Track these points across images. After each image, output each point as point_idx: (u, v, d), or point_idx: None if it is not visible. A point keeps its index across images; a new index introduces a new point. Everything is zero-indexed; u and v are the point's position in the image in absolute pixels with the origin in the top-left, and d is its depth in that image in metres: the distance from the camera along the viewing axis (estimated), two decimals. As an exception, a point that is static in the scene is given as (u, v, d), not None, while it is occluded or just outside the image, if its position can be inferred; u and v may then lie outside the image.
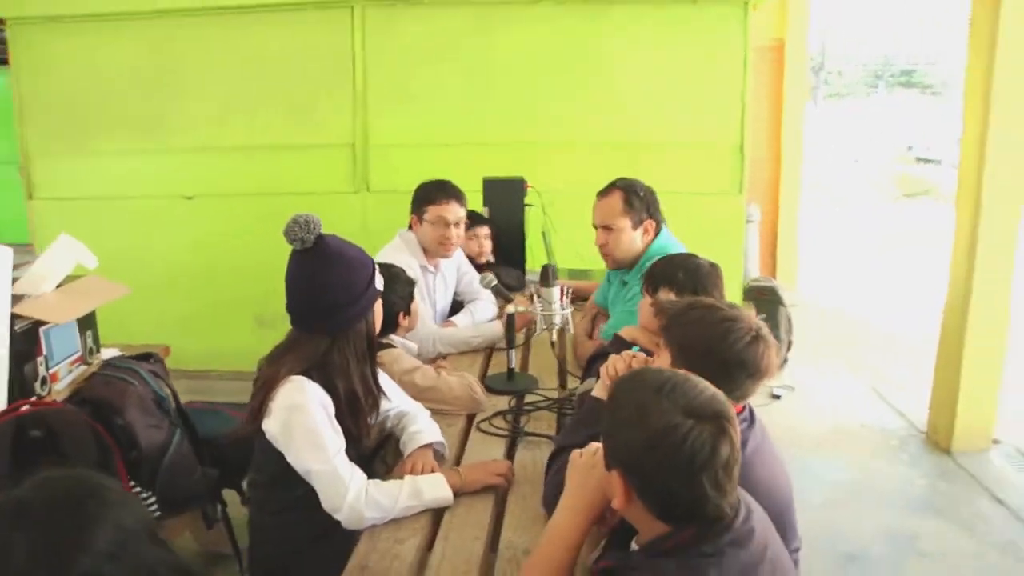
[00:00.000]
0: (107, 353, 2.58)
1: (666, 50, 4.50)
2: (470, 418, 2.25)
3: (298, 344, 1.76)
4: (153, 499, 2.12)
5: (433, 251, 3.01)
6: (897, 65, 18.27)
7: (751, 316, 1.60)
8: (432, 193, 2.97)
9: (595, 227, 2.76)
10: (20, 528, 0.94)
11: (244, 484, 2.29)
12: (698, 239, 4.43)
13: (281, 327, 5.35)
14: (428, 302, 3.07)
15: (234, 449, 2.55)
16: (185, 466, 2.26)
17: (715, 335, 1.52)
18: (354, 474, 1.68)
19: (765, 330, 1.56)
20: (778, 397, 4.59)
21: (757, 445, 1.56)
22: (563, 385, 2.53)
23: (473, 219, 3.55)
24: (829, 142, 14.54)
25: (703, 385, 1.18)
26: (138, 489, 2.09)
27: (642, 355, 1.81)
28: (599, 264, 3.00)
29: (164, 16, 4.63)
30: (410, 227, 3.06)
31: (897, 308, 6.70)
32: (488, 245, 3.65)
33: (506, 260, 3.85)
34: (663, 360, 1.61)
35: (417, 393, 2.22)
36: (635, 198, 2.65)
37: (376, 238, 3.11)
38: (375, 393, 1.85)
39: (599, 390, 1.80)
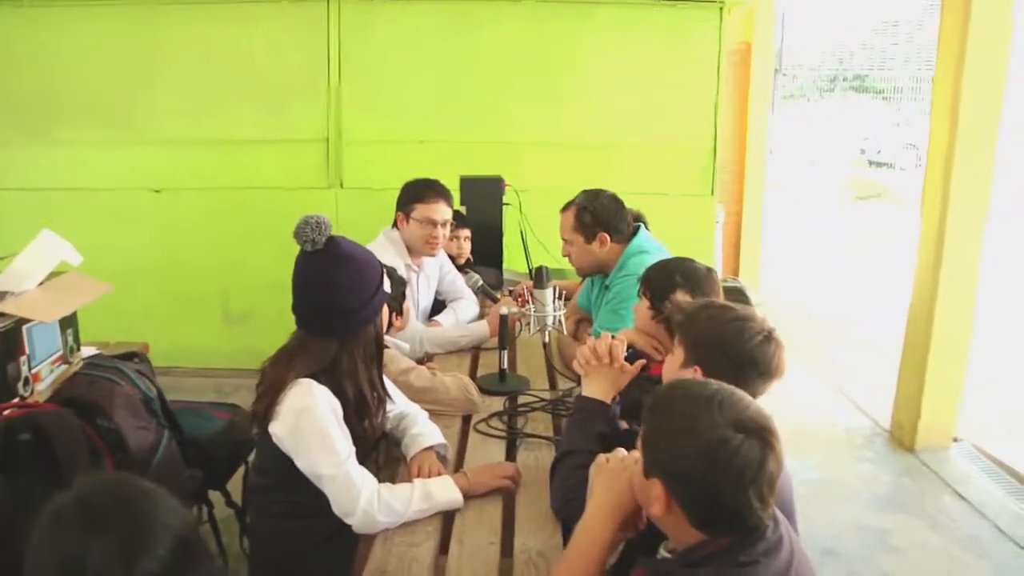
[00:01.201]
0: (86, 351, 2.53)
1: (642, 51, 4.56)
2: (466, 419, 2.26)
3: (306, 347, 1.75)
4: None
5: (419, 250, 3.01)
6: (851, 70, 18.75)
7: (763, 317, 1.64)
8: (421, 192, 2.96)
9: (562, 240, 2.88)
10: (92, 532, 0.98)
11: (242, 485, 2.27)
12: (670, 241, 4.46)
13: (249, 323, 5.32)
14: (412, 302, 3.06)
15: (218, 449, 2.54)
16: (173, 468, 2.22)
17: (729, 333, 1.56)
18: (365, 478, 1.68)
19: (776, 331, 1.60)
20: (747, 396, 4.68)
21: None
22: (554, 386, 2.55)
23: (456, 220, 3.55)
24: (785, 144, 14.86)
25: (748, 399, 1.20)
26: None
27: (619, 339, 1.85)
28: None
29: (133, 2, 4.52)
30: (395, 225, 3.04)
31: (858, 307, 6.88)
32: (468, 247, 3.66)
33: (484, 260, 3.85)
34: (675, 358, 1.64)
35: (413, 394, 2.22)
36: (585, 214, 2.75)
37: (350, 235, 3.04)
38: (382, 395, 1.85)
39: (589, 388, 1.81)
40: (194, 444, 2.42)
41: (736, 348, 1.55)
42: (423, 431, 1.97)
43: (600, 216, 2.73)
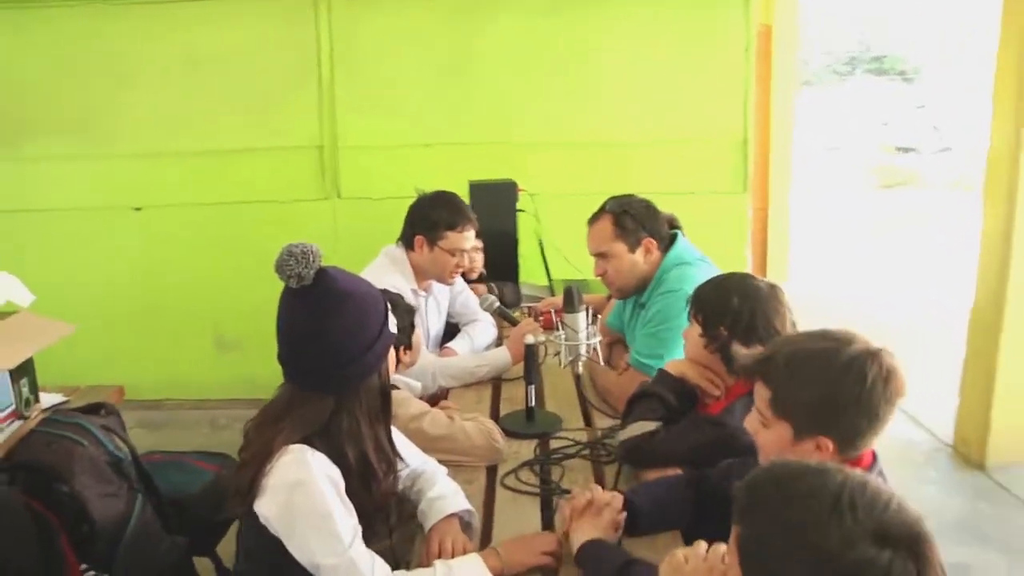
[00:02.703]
0: (48, 400, 2.26)
1: (662, 39, 4.29)
2: (491, 471, 1.99)
3: (296, 405, 1.48)
4: (111, 583, 1.82)
5: (436, 278, 2.75)
6: (870, 51, 18.38)
7: (853, 335, 1.38)
8: (452, 217, 2.68)
9: (592, 255, 2.56)
10: None
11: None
12: (700, 243, 4.26)
13: (244, 349, 5.05)
14: (420, 329, 2.78)
15: (205, 508, 2.27)
16: (150, 538, 1.96)
17: (855, 385, 1.30)
18: (375, 565, 1.42)
19: (886, 351, 1.35)
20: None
21: None
22: (589, 423, 2.28)
23: None
24: (803, 132, 14.52)
25: (887, 492, 0.94)
26: (92, 573, 1.78)
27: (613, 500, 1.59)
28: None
29: (104, 0, 4.27)
30: (403, 244, 2.76)
31: (896, 302, 6.59)
32: (480, 260, 3.41)
33: (498, 273, 3.60)
34: (775, 432, 1.36)
35: (427, 443, 1.95)
36: (627, 219, 2.45)
37: (349, 251, 2.87)
38: (391, 457, 1.58)
39: (582, 531, 1.54)
40: (176, 505, 2.16)
41: (869, 400, 1.30)
42: (443, 493, 1.70)
43: (644, 219, 2.45)
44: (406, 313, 2.19)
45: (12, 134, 4.39)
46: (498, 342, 2.91)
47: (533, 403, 2.23)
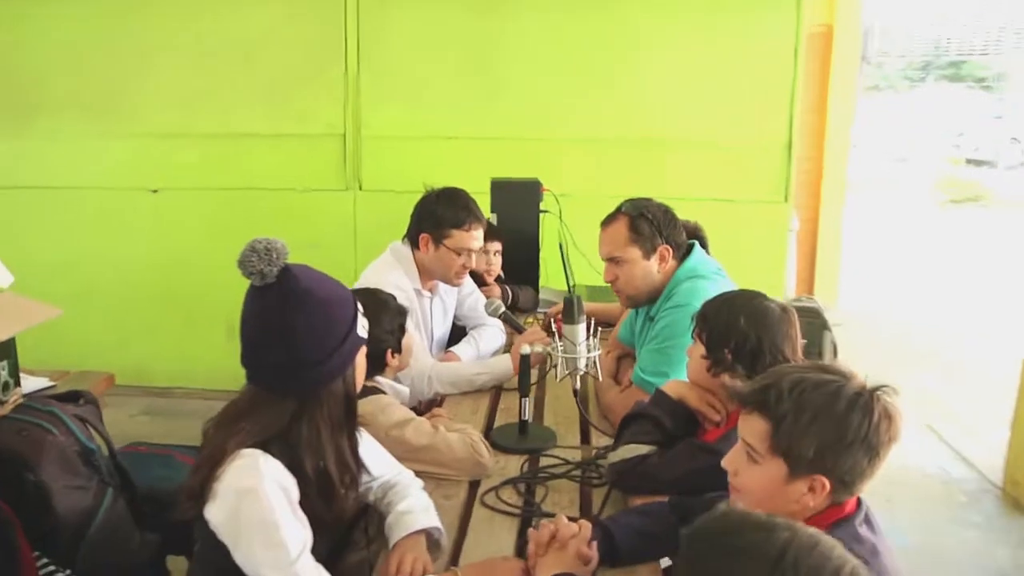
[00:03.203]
0: (32, 384, 2.29)
1: (704, 33, 4.21)
2: (473, 486, 1.96)
3: (256, 407, 1.47)
4: (72, 580, 1.83)
5: (441, 278, 2.72)
6: (946, 56, 17.90)
7: (854, 372, 1.32)
8: (459, 214, 2.65)
9: (603, 260, 2.51)
10: None
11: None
12: (736, 255, 4.14)
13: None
14: (423, 331, 2.77)
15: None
16: (119, 534, 1.97)
17: (860, 423, 1.26)
18: (321, 582, 1.39)
19: (882, 390, 1.30)
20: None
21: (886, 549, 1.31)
22: (587, 440, 2.24)
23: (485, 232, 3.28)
24: (868, 141, 14.22)
25: (838, 558, 0.90)
26: (51, 568, 1.79)
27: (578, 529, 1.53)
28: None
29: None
30: (410, 242, 2.74)
31: (953, 330, 6.40)
32: (498, 263, 3.38)
33: (517, 276, 3.57)
34: (766, 471, 1.31)
35: (408, 453, 1.94)
36: (643, 223, 2.38)
37: (368, 245, 2.87)
38: (353, 470, 1.55)
39: (546, 567, 1.49)
40: (154, 501, 2.16)
41: (874, 440, 1.26)
42: (412, 508, 1.67)
43: (663, 223, 2.38)
44: (397, 315, 2.18)
45: (29, 111, 4.47)
46: (506, 349, 2.88)
47: (527, 416, 2.19)
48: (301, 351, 1.43)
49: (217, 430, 1.49)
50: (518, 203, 3.56)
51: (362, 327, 1.53)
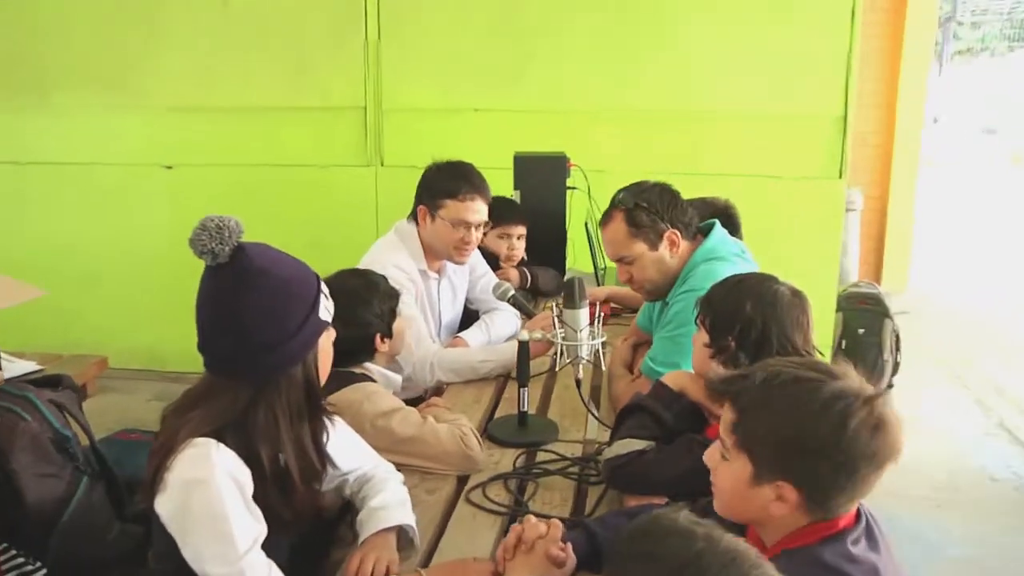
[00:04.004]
0: (18, 368, 2.35)
1: (750, -4, 4.10)
2: (462, 481, 1.94)
3: (211, 394, 1.47)
4: (43, 572, 1.86)
5: (442, 255, 2.71)
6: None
7: (852, 375, 1.25)
8: (453, 183, 2.65)
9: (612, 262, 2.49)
10: None
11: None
12: (784, 235, 4.09)
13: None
14: (431, 315, 2.77)
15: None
16: (95, 524, 1.99)
17: (830, 426, 1.18)
18: (271, 576, 1.39)
19: (883, 398, 1.22)
20: (880, 434, 4.16)
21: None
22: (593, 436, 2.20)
23: (507, 214, 3.26)
24: (955, 111, 13.76)
25: (758, 569, 0.90)
26: (20, 560, 1.83)
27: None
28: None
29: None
30: (412, 218, 2.74)
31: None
32: (521, 247, 3.35)
33: (542, 258, 3.54)
34: (733, 469, 1.27)
35: (394, 444, 1.94)
36: (640, 213, 2.31)
37: (390, 223, 2.88)
38: (315, 463, 1.55)
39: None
40: (135, 491, 2.19)
41: (846, 449, 1.18)
42: (386, 503, 1.66)
43: (660, 210, 2.32)
44: (387, 298, 2.17)
45: (39, 82, 4.57)
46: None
47: (526, 408, 2.17)
48: (256, 334, 1.43)
49: (173, 417, 1.50)
50: (543, 179, 3.54)
51: (326, 309, 1.52)
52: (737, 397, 1.28)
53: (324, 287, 1.54)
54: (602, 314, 2.11)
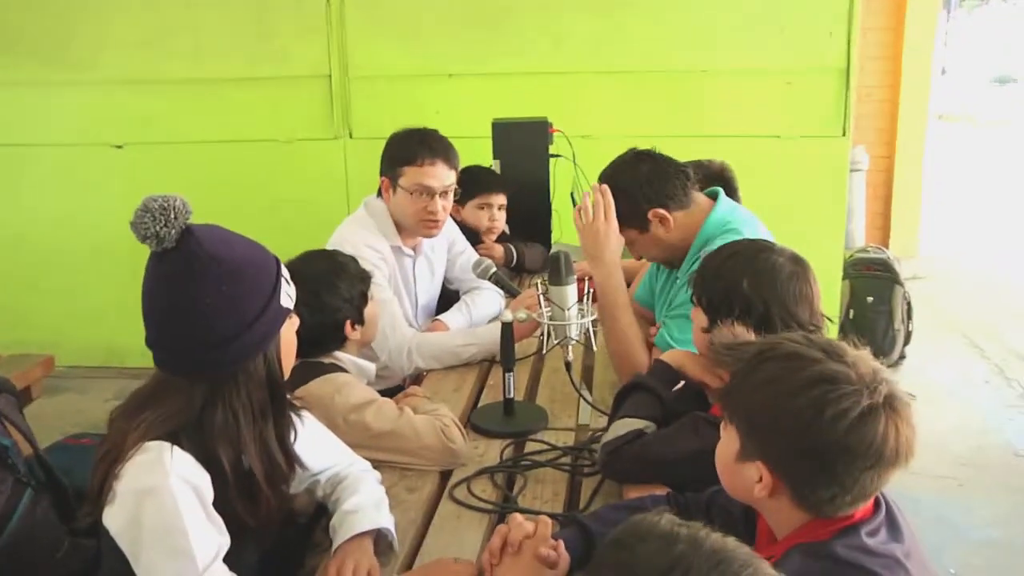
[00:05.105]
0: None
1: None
2: (445, 477, 1.91)
3: (162, 393, 1.42)
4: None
5: (410, 229, 2.67)
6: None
7: (863, 361, 1.21)
8: (410, 149, 2.62)
9: None
10: None
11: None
12: (786, 199, 4.07)
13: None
14: (406, 296, 2.73)
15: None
16: (41, 542, 1.94)
17: (802, 410, 1.15)
18: (233, 596, 1.35)
19: (888, 386, 1.18)
20: (892, 409, 4.15)
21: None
22: (585, 423, 2.17)
23: (484, 182, 3.25)
24: (965, 61, 13.73)
25: (738, 559, 0.89)
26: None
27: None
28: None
29: None
30: (379, 193, 2.71)
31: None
32: (502, 219, 3.33)
33: (524, 232, 3.52)
34: (726, 441, 1.27)
35: (369, 440, 1.90)
36: (619, 200, 2.30)
37: (362, 199, 2.82)
38: (281, 464, 1.50)
39: None
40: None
41: (815, 437, 1.15)
42: (360, 506, 1.62)
43: (636, 192, 2.30)
44: (358, 281, 2.14)
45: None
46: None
47: (512, 394, 2.13)
48: (208, 326, 1.37)
49: (121, 420, 1.45)
50: (524, 147, 3.52)
51: (287, 295, 1.47)
52: (733, 366, 1.29)
53: (285, 271, 1.50)
54: (591, 290, 2.07)
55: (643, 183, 2.31)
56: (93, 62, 4.44)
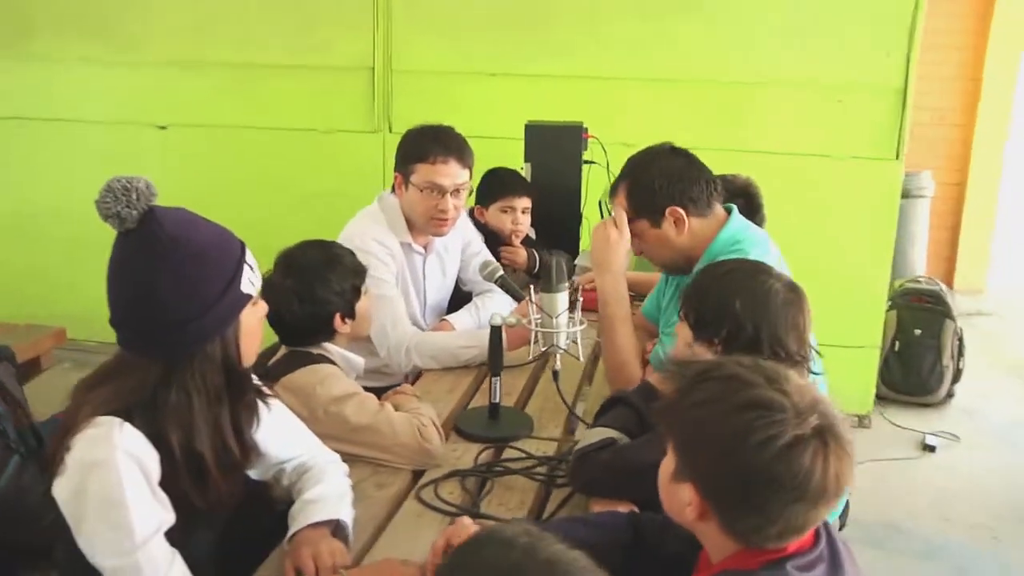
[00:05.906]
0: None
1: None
2: (417, 476, 1.95)
3: (121, 370, 1.49)
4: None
5: (420, 227, 2.71)
6: None
7: (804, 391, 1.21)
8: (423, 146, 2.66)
9: None
10: None
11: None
12: (829, 221, 4.01)
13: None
14: (414, 293, 2.77)
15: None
16: (26, 509, 2.03)
17: (729, 433, 1.16)
18: (171, 571, 1.40)
19: (825, 419, 1.17)
20: (932, 449, 4.07)
21: None
22: (572, 431, 2.21)
23: (509, 184, 3.27)
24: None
25: (573, 570, 0.94)
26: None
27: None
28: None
29: None
30: (393, 189, 2.75)
31: None
32: (526, 222, 3.33)
33: (554, 239, 3.51)
34: (667, 459, 1.28)
35: (346, 432, 1.96)
36: (639, 189, 2.30)
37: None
38: (234, 450, 1.55)
39: None
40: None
41: (740, 462, 1.15)
42: (321, 496, 1.67)
43: (662, 184, 2.28)
44: (349, 274, 2.18)
45: (21, 28, 4.63)
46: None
47: (498, 399, 2.16)
48: (165, 307, 1.43)
49: (81, 392, 1.51)
50: (557, 151, 3.52)
51: (249, 281, 1.52)
52: (678, 382, 1.28)
53: (250, 256, 1.55)
54: (580, 299, 2.09)
55: (671, 178, 2.29)
56: (142, 43, 4.56)
